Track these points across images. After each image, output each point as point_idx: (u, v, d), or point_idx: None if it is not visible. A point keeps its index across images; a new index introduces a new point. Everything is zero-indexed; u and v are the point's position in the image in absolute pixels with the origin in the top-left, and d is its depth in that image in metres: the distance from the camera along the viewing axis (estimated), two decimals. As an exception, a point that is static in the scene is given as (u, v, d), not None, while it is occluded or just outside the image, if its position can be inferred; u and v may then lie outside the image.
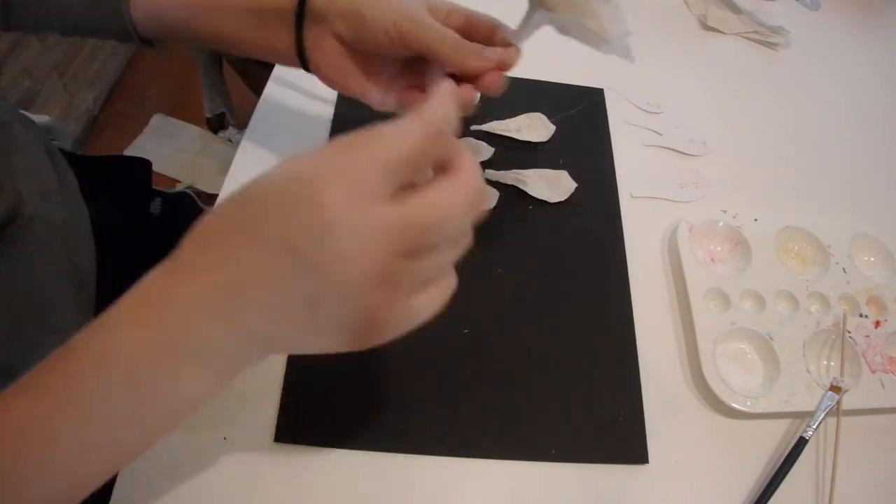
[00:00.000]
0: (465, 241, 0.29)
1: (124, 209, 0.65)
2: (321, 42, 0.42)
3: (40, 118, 0.64)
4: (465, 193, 0.27)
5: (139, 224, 0.65)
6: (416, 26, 0.38)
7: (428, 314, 0.29)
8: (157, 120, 1.53)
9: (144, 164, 0.71)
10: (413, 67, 0.45)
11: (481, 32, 0.42)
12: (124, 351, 0.25)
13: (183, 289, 0.26)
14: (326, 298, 0.25)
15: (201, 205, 0.78)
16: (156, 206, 0.68)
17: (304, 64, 0.44)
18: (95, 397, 0.25)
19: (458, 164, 0.28)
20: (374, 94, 0.44)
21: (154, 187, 0.72)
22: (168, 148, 1.47)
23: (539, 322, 0.48)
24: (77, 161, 0.60)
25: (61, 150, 0.58)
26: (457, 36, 0.39)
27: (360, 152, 0.26)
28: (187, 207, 0.71)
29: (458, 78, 0.40)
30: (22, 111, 0.54)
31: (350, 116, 0.52)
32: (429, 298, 0.29)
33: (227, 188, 0.52)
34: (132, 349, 0.25)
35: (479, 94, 0.42)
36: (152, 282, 0.26)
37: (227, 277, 0.25)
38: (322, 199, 0.24)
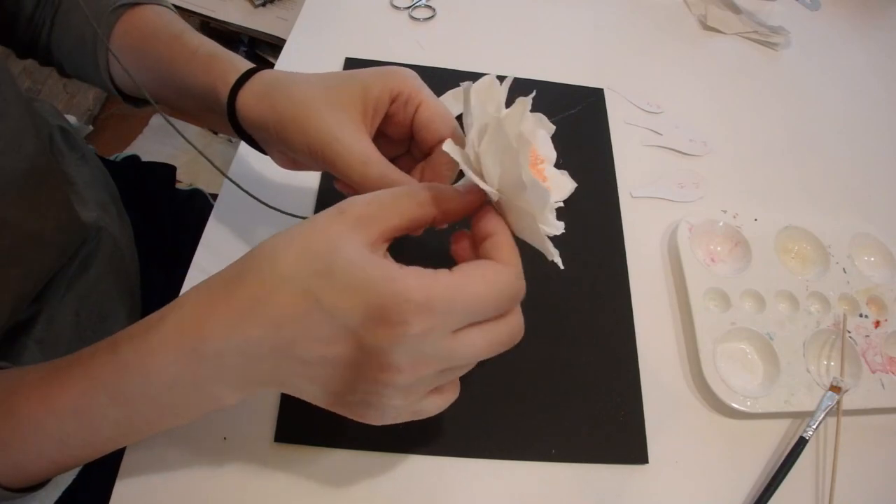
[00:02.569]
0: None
1: (156, 215, 0.66)
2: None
3: (69, 119, 0.64)
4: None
5: (171, 229, 0.66)
6: (332, 154, 0.34)
7: (428, 415, 0.31)
8: (157, 120, 1.53)
9: (169, 169, 0.71)
10: None
11: (427, 142, 0.38)
12: (168, 377, 0.28)
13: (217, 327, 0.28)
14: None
15: (212, 202, 0.78)
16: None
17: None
18: (139, 396, 0.29)
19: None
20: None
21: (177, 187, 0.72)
22: (168, 148, 1.47)
23: (538, 322, 0.48)
24: (105, 165, 0.59)
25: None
26: (381, 169, 0.34)
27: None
28: (199, 205, 0.71)
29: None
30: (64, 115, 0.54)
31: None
32: (437, 402, 0.31)
33: (227, 188, 0.52)
34: (176, 375, 0.28)
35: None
36: (193, 309, 0.28)
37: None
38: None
